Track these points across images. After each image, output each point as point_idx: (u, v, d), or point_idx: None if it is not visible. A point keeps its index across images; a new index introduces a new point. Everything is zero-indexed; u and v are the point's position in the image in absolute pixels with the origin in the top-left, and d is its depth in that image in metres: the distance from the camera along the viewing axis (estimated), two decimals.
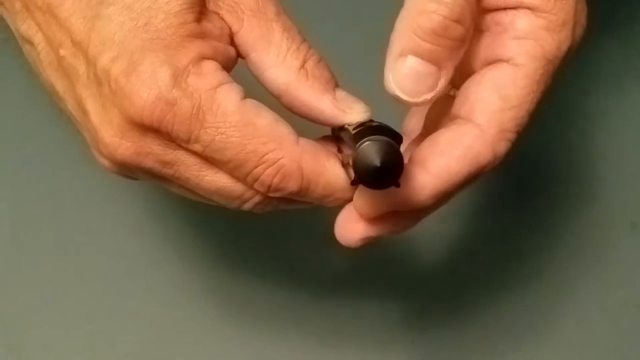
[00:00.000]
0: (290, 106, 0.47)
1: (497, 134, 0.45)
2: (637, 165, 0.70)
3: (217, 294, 0.66)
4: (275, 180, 0.45)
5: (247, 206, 0.47)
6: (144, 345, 0.64)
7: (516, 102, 0.45)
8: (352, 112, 0.47)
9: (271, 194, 0.45)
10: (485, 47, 0.47)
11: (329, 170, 0.46)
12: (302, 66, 0.47)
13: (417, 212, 0.46)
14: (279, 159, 0.44)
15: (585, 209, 0.69)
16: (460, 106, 0.47)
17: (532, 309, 0.66)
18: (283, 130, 0.45)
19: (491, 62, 0.46)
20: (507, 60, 0.46)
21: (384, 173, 0.42)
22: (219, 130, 0.44)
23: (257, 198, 0.46)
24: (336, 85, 0.48)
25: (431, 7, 0.43)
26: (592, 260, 0.67)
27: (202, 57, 0.44)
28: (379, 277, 0.66)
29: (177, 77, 0.43)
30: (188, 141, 0.44)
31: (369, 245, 0.48)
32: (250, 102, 0.45)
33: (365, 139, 0.42)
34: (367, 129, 0.43)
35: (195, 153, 0.44)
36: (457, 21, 0.44)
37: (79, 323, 0.65)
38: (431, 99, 0.45)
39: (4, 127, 0.69)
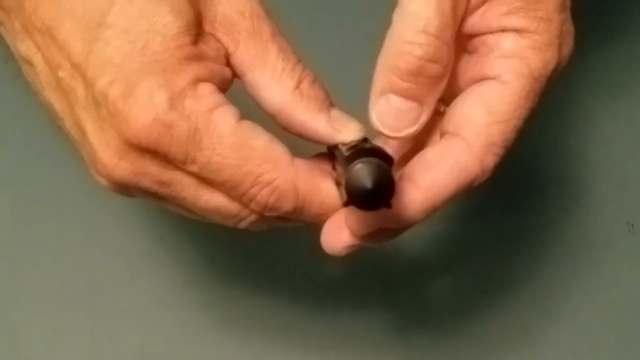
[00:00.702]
0: (285, 125, 0.48)
1: (484, 148, 0.46)
2: (635, 165, 0.70)
3: (216, 297, 0.66)
4: (271, 200, 0.45)
5: (243, 224, 0.47)
6: (143, 346, 0.65)
7: (503, 117, 0.46)
8: (346, 131, 0.47)
9: (267, 213, 0.46)
10: (473, 67, 0.48)
11: (324, 190, 0.46)
12: (297, 86, 0.47)
13: (406, 226, 0.47)
14: (274, 180, 0.45)
15: (583, 210, 0.69)
16: (448, 122, 0.47)
17: (529, 309, 0.67)
18: (278, 151, 0.46)
19: (478, 80, 0.47)
20: (494, 78, 0.46)
21: (375, 195, 0.42)
22: (215, 151, 0.44)
23: (252, 217, 0.47)
24: (331, 105, 0.48)
25: (406, 48, 0.45)
26: (590, 261, 0.68)
27: (199, 80, 0.45)
28: (375, 282, 0.67)
29: (174, 100, 0.44)
30: (185, 162, 0.45)
31: (363, 251, 0.49)
32: (246, 124, 0.45)
33: (357, 161, 0.43)
34: (359, 151, 0.44)
35: (191, 174, 0.45)
36: (432, 61, 0.45)
37: (79, 323, 0.65)
38: (414, 132, 0.46)
39: (4, 128, 0.70)
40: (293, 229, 0.50)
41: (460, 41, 0.48)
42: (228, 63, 0.47)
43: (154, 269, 0.67)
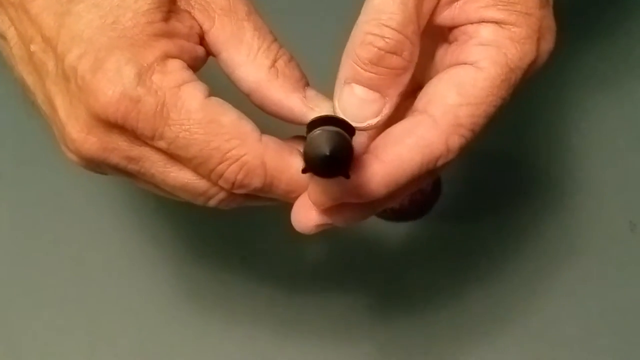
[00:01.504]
0: (260, 104, 0.47)
1: (450, 127, 0.46)
2: (637, 165, 0.70)
3: (214, 294, 0.66)
4: (239, 176, 0.45)
5: (212, 202, 0.47)
6: (144, 345, 0.65)
7: (473, 100, 0.46)
8: (320, 111, 0.47)
9: (235, 191, 0.46)
10: (451, 54, 0.47)
11: (293, 167, 0.46)
12: (273, 65, 0.47)
13: (371, 203, 0.46)
14: (243, 156, 0.45)
15: (584, 209, 0.69)
16: (419, 100, 0.47)
17: (530, 308, 0.66)
18: (247, 127, 0.45)
19: (455, 65, 0.47)
20: (471, 64, 0.46)
21: (332, 161, 0.42)
22: (183, 127, 0.44)
23: (221, 194, 0.46)
24: (306, 85, 0.48)
25: (368, 38, 0.45)
26: (592, 260, 0.68)
27: (168, 56, 0.45)
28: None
29: (142, 75, 0.44)
30: (152, 138, 0.44)
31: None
32: (215, 100, 0.45)
33: (317, 128, 0.43)
34: (320, 120, 0.44)
35: (160, 150, 0.45)
36: (393, 52, 0.45)
37: (79, 323, 0.65)
38: (376, 123, 0.46)
39: (4, 127, 0.70)
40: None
41: (441, 32, 0.48)
42: (202, 41, 0.47)
43: (153, 268, 0.67)
